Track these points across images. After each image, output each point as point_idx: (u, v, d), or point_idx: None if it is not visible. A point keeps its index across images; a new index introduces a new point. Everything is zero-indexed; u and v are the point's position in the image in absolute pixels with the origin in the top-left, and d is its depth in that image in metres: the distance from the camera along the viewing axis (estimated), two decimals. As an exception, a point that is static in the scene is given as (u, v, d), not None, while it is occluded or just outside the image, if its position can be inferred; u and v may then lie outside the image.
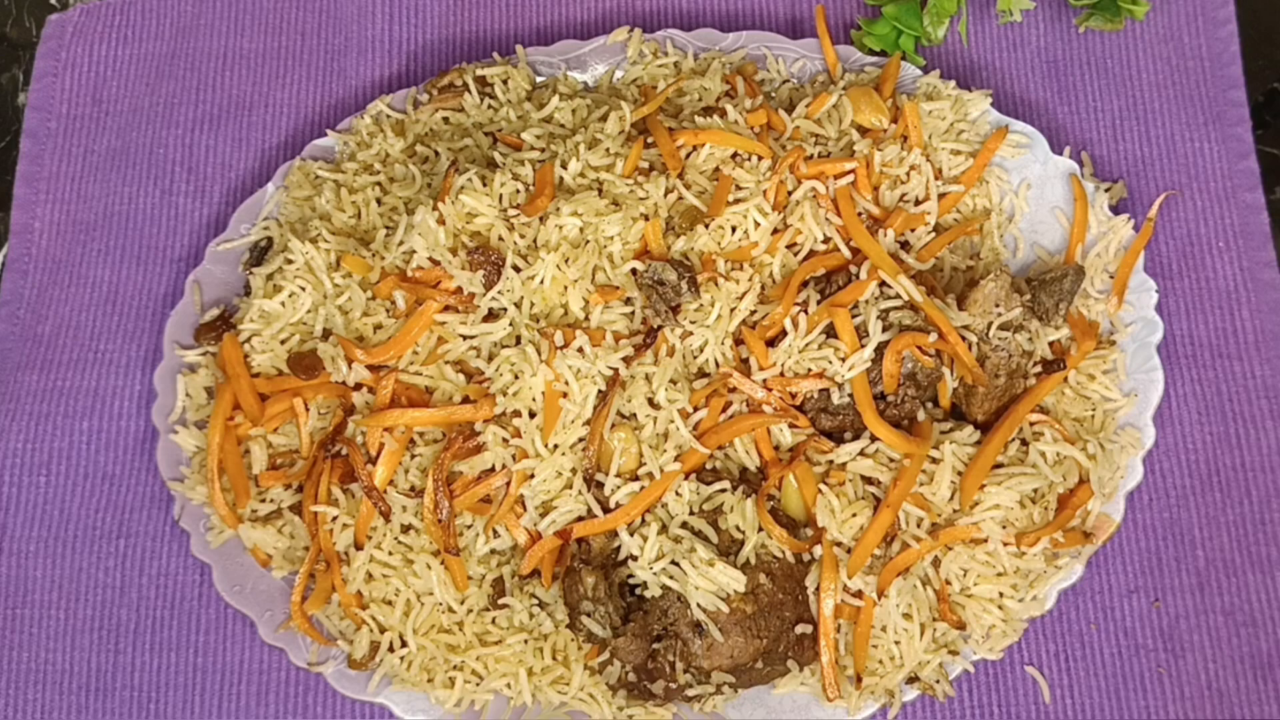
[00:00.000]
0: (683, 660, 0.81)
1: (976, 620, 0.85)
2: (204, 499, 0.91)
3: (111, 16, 1.13)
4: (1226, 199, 1.00)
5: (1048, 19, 1.07)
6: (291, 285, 0.93)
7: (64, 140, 1.09)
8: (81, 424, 0.99)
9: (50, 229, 1.06)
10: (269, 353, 0.92)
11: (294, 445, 0.92)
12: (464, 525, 0.87)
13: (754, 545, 0.82)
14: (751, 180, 0.91)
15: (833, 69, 1.01)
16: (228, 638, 0.93)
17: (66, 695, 0.92)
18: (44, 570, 0.95)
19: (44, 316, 1.03)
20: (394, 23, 1.12)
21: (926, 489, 0.85)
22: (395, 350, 0.89)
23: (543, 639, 0.87)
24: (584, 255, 0.88)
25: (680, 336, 0.87)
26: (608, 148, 0.92)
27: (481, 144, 0.98)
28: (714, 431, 0.86)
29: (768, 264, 0.90)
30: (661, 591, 0.82)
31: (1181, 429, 0.94)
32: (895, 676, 0.84)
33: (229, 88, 1.10)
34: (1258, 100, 1.04)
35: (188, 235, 1.05)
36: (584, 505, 0.85)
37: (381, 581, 0.87)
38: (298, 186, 1.00)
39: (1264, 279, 0.97)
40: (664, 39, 1.04)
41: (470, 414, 0.87)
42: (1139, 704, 0.88)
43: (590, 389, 0.86)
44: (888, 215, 0.93)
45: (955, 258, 0.94)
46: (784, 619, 0.82)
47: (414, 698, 0.87)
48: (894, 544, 0.85)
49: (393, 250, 0.91)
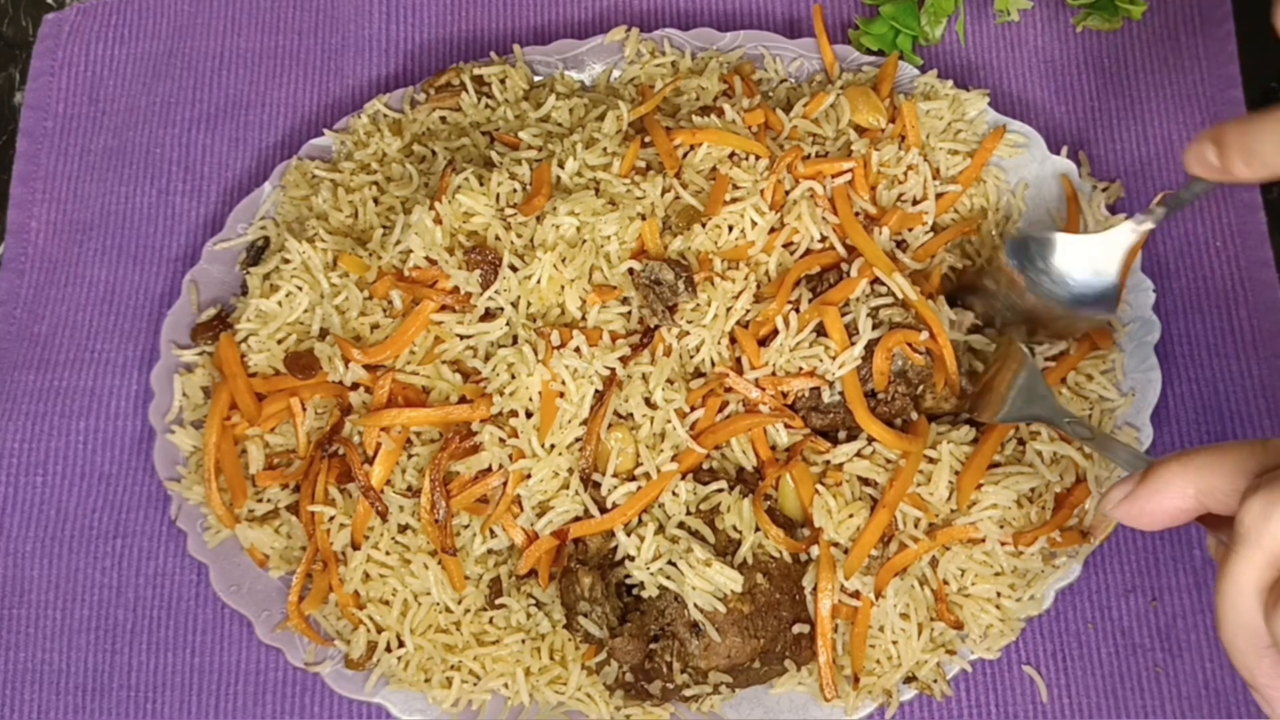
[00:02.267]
0: (680, 660, 0.81)
1: (974, 620, 0.85)
2: (201, 499, 0.91)
3: (108, 16, 1.13)
4: (1224, 198, 1.00)
5: (1045, 19, 1.07)
6: (288, 285, 0.93)
7: (60, 140, 1.09)
8: (78, 424, 0.98)
9: (47, 228, 1.06)
10: (266, 352, 0.92)
11: (291, 445, 0.92)
12: (461, 525, 0.87)
13: (751, 545, 0.82)
14: (749, 180, 0.91)
15: (830, 68, 1.01)
16: (225, 637, 0.93)
17: (63, 695, 0.92)
18: (40, 570, 0.95)
19: (40, 316, 1.03)
20: (391, 22, 1.12)
21: (924, 489, 0.85)
22: (392, 350, 0.89)
23: (540, 639, 0.87)
24: (581, 255, 0.88)
25: (677, 336, 0.87)
26: (605, 147, 0.92)
27: (479, 143, 0.98)
28: (711, 431, 0.86)
29: (764, 263, 0.90)
30: (658, 591, 0.82)
31: (1179, 428, 0.94)
32: (893, 676, 0.84)
33: (226, 87, 1.10)
34: (1255, 100, 1.04)
35: (184, 235, 1.05)
36: (581, 505, 0.85)
37: (379, 581, 0.87)
38: (295, 186, 1.00)
39: (1261, 278, 0.97)
40: (661, 38, 1.04)
41: (467, 414, 0.86)
42: (1136, 703, 0.88)
43: (587, 389, 0.86)
44: (884, 214, 0.93)
45: (952, 257, 0.94)
46: (781, 619, 0.82)
47: (411, 697, 0.87)
48: (891, 544, 0.85)
49: (390, 250, 0.91)
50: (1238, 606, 0.50)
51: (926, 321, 0.85)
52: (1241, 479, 0.52)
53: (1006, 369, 0.86)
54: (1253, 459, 0.53)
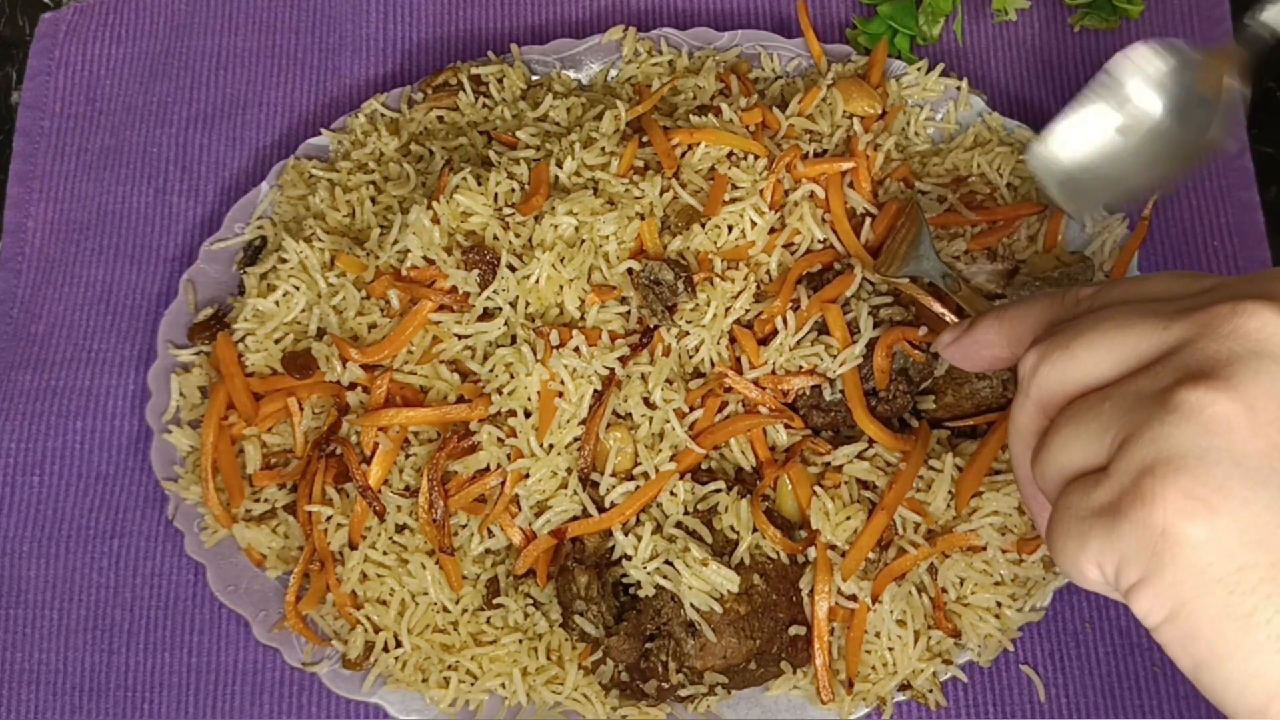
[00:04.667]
0: (675, 660, 0.81)
1: (973, 629, 0.85)
2: (198, 499, 0.91)
3: (105, 15, 1.12)
4: (1221, 198, 1.00)
5: (1043, 18, 1.07)
6: (286, 284, 0.93)
7: (57, 139, 1.09)
8: (75, 423, 0.98)
9: (43, 228, 1.06)
10: (263, 352, 0.92)
11: (288, 445, 0.92)
12: (459, 525, 0.87)
13: (748, 546, 0.82)
14: (748, 180, 0.91)
15: (819, 60, 1.01)
16: (222, 638, 0.93)
17: (60, 695, 0.92)
18: (37, 570, 0.95)
19: (37, 316, 1.02)
20: (389, 22, 1.11)
21: (923, 495, 0.85)
22: (390, 350, 0.89)
23: (537, 639, 0.87)
24: (579, 254, 0.88)
25: (676, 336, 0.87)
26: (603, 146, 0.92)
27: (476, 143, 0.98)
28: (710, 431, 0.86)
29: (764, 263, 0.90)
30: (655, 591, 0.82)
31: (1177, 428, 0.94)
32: (888, 683, 0.84)
33: (223, 87, 1.10)
34: (1254, 100, 1.04)
35: (181, 234, 1.05)
36: (579, 505, 0.85)
37: (376, 581, 0.87)
38: (292, 185, 1.00)
39: (1259, 278, 0.97)
40: (658, 38, 1.04)
41: (465, 414, 0.86)
42: (1134, 703, 0.88)
43: (586, 389, 0.85)
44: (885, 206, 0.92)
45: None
46: (778, 620, 0.82)
47: (409, 697, 0.87)
48: (890, 549, 0.85)
49: (387, 249, 0.91)
50: (1016, 448, 0.56)
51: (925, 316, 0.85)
52: (1038, 331, 0.57)
53: (905, 228, 0.88)
54: (1049, 312, 0.57)
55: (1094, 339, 0.52)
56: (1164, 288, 0.54)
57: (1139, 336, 0.51)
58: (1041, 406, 0.54)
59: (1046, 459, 0.52)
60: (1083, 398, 0.52)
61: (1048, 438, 0.52)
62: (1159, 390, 0.48)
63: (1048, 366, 0.53)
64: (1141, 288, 0.55)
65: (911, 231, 0.87)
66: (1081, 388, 0.52)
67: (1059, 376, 0.53)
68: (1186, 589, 0.47)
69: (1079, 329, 0.53)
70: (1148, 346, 0.50)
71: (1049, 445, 0.52)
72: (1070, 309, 0.57)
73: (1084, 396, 0.52)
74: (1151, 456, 0.47)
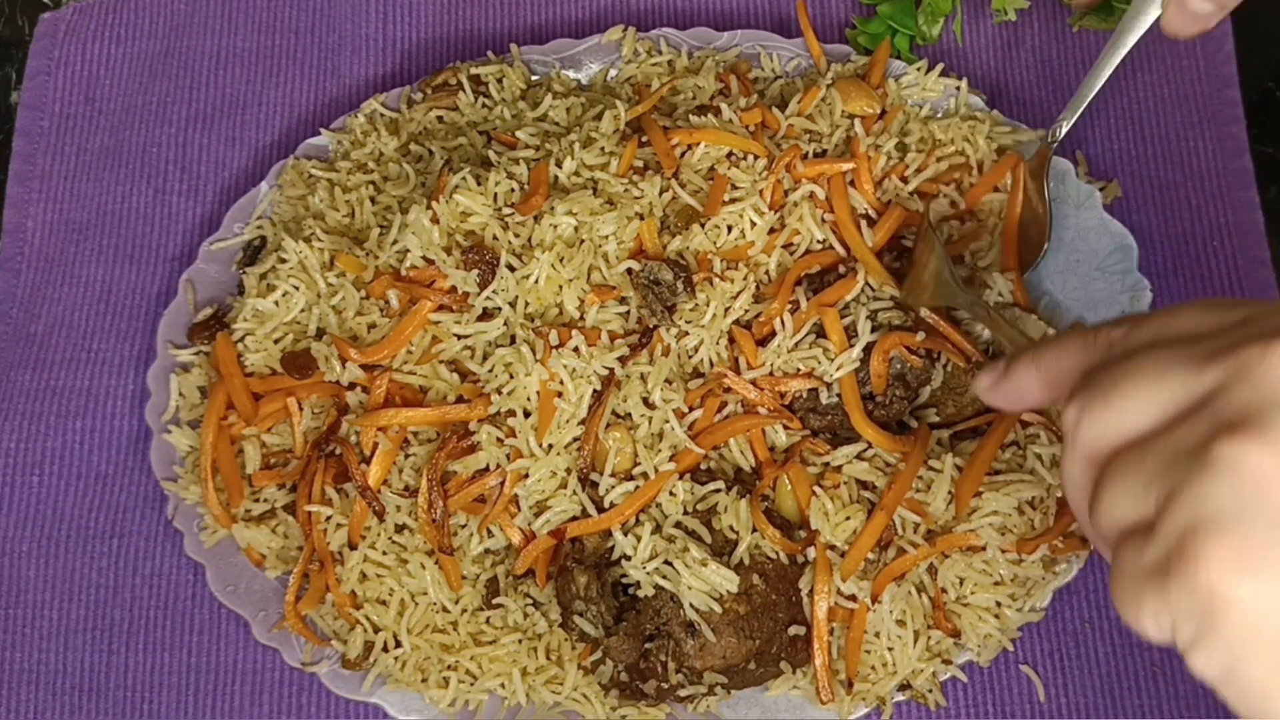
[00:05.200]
0: (675, 660, 0.81)
1: (972, 629, 0.85)
2: (197, 499, 0.91)
3: (104, 15, 1.12)
4: (1221, 197, 1.00)
5: (1042, 18, 1.07)
6: (285, 284, 0.93)
7: (57, 139, 1.09)
8: (74, 423, 0.98)
9: (43, 228, 1.06)
10: (262, 352, 0.92)
11: (288, 445, 0.92)
12: (458, 525, 0.87)
13: (748, 546, 0.82)
14: (747, 180, 0.91)
15: (818, 60, 1.01)
16: (222, 637, 0.93)
17: (59, 695, 0.92)
18: (37, 570, 0.95)
19: (37, 316, 1.02)
20: (388, 21, 1.11)
21: (923, 495, 0.84)
22: (389, 350, 0.89)
23: (537, 639, 0.87)
24: (579, 254, 0.88)
25: (676, 336, 0.87)
26: (602, 146, 0.92)
27: (476, 143, 0.98)
28: (709, 432, 0.86)
29: (764, 263, 0.90)
30: (654, 591, 0.82)
31: (1176, 428, 0.94)
32: (887, 684, 0.84)
33: (222, 86, 1.10)
34: (1253, 100, 1.04)
35: (181, 234, 1.05)
36: (578, 505, 0.85)
37: (375, 581, 0.87)
38: (291, 185, 1.00)
39: (1258, 278, 0.97)
40: (658, 38, 1.04)
41: (464, 414, 0.86)
42: (1134, 703, 0.88)
43: (585, 389, 0.85)
44: (885, 210, 0.92)
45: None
46: (777, 620, 0.82)
47: (408, 698, 0.87)
48: (889, 550, 0.85)
49: (387, 249, 0.91)
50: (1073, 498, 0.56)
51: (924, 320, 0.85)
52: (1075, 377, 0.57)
53: (925, 256, 0.88)
54: (1083, 355, 0.57)
55: (1130, 389, 0.52)
56: (1195, 323, 0.54)
57: (1174, 383, 0.51)
58: (1089, 459, 0.54)
59: (1098, 516, 0.52)
60: (1126, 450, 0.52)
61: (1097, 494, 0.52)
62: (1195, 444, 0.48)
63: (1089, 421, 0.53)
64: (1172, 324, 0.55)
65: (932, 261, 0.87)
66: (1125, 438, 0.52)
67: (1100, 430, 0.53)
68: (1236, 650, 0.47)
69: (1115, 379, 0.53)
70: (1184, 393, 0.50)
71: (1099, 502, 0.52)
72: (1104, 352, 0.56)
73: (1128, 449, 0.52)
74: (1193, 516, 0.47)
